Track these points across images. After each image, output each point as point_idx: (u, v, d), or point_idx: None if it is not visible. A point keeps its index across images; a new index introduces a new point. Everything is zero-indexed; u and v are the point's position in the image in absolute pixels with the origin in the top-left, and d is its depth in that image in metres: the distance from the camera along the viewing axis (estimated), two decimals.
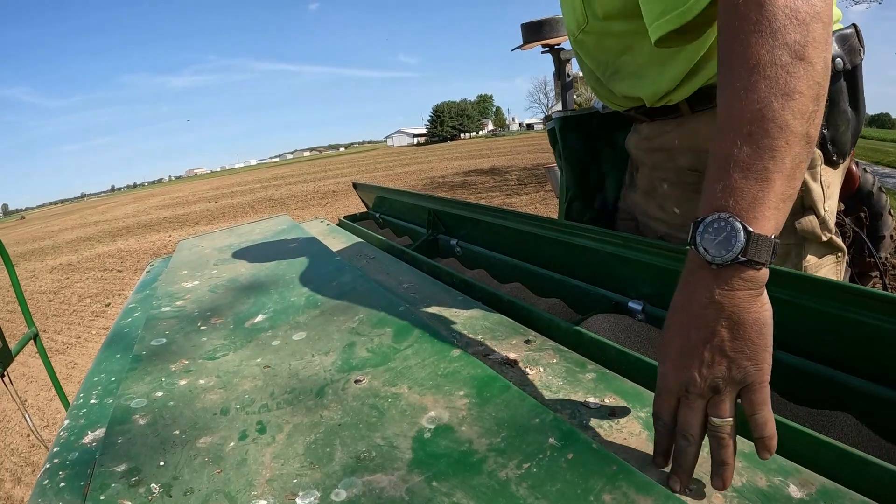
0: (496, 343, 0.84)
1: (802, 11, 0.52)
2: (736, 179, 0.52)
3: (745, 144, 0.52)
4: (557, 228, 1.13)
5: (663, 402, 0.56)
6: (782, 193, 0.52)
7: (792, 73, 0.51)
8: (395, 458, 0.54)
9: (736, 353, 0.52)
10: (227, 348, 0.87)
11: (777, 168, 0.51)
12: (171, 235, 13.54)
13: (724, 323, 0.52)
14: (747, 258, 0.50)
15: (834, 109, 0.87)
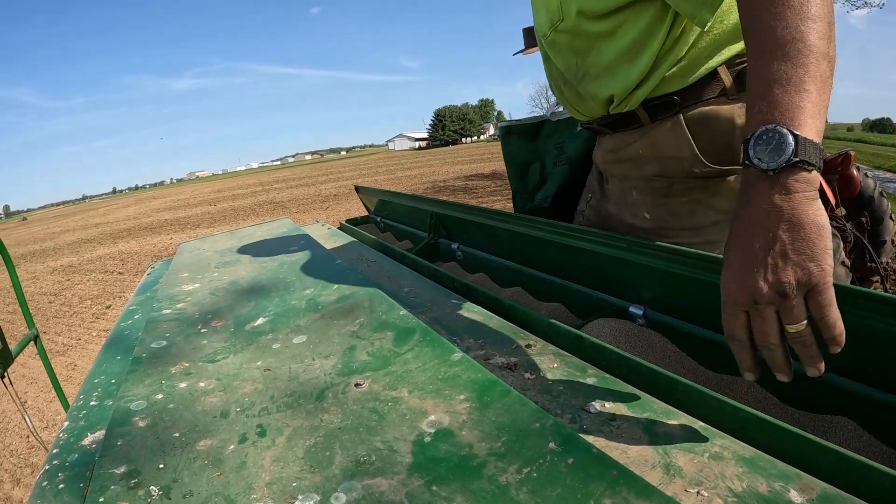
0: (497, 347, 0.84)
1: None
2: (777, 94, 0.57)
3: (781, 63, 0.58)
4: (559, 231, 1.13)
5: (733, 319, 0.58)
6: (819, 102, 0.58)
7: (812, 2, 0.59)
8: (395, 462, 0.54)
9: (798, 255, 0.54)
10: (227, 351, 0.87)
11: (811, 80, 0.57)
12: (172, 238, 13.55)
13: (784, 227, 0.55)
14: (799, 158, 0.55)
15: None
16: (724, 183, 0.97)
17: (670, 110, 0.96)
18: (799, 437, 0.54)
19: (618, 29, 0.93)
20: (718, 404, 0.62)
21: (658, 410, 0.63)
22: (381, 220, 2.27)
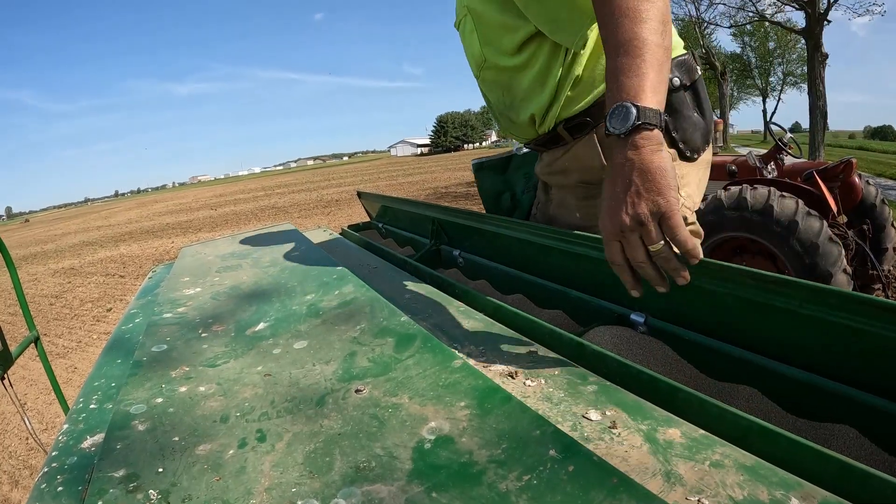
0: (497, 354, 0.84)
1: None
2: (623, 80, 0.77)
3: (623, 58, 0.78)
4: (561, 238, 1.13)
5: (610, 248, 0.76)
6: (657, 80, 0.77)
7: (642, 9, 0.78)
8: (395, 468, 0.53)
9: (648, 192, 0.72)
10: (227, 356, 0.87)
11: (648, 66, 0.77)
12: (173, 242, 13.57)
13: (636, 173, 0.73)
14: (641, 122, 0.73)
15: (678, 115, 1.11)
16: None
17: (585, 129, 1.15)
18: (800, 445, 0.54)
19: (528, 61, 1.11)
20: (719, 412, 0.61)
21: (659, 418, 0.63)
22: (383, 226, 2.27)
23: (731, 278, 0.79)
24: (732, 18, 23.34)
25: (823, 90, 14.90)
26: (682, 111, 1.11)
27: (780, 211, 3.11)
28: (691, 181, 1.17)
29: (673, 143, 1.11)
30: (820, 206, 3.32)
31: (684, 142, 1.12)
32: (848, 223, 3.60)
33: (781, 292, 0.73)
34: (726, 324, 0.84)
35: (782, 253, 3.14)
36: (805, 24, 15.34)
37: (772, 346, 0.78)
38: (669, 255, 0.72)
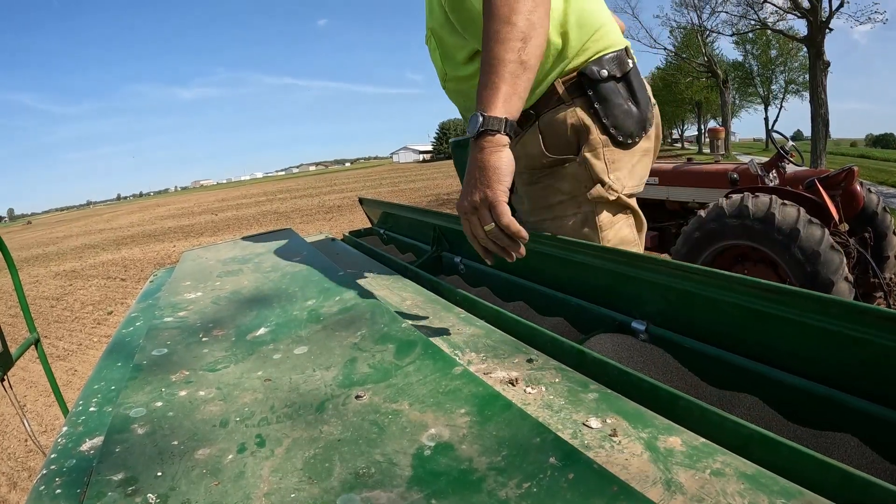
0: (498, 361, 0.84)
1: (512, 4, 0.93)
2: (480, 93, 0.95)
3: (485, 75, 0.95)
4: (561, 246, 1.13)
5: (464, 225, 0.96)
6: (507, 93, 0.93)
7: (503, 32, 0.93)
8: (395, 474, 0.53)
9: (481, 184, 0.91)
10: (228, 360, 0.87)
11: (502, 81, 0.93)
12: (175, 246, 13.58)
13: (477, 168, 0.92)
14: (485, 128, 0.92)
15: (609, 104, 1.21)
16: (564, 168, 1.26)
17: (530, 120, 1.26)
18: (801, 453, 0.54)
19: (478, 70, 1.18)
20: (720, 420, 0.61)
21: (660, 426, 0.63)
22: (385, 233, 2.27)
23: (732, 287, 0.79)
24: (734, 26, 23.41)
25: (825, 98, 14.93)
26: (613, 100, 1.20)
27: (782, 219, 3.10)
28: (623, 166, 1.24)
29: (605, 129, 1.20)
30: (821, 214, 3.32)
31: (615, 127, 1.21)
32: (849, 231, 3.60)
33: (782, 301, 0.73)
34: (727, 332, 0.83)
35: (784, 261, 3.14)
36: (807, 32, 15.38)
37: (773, 354, 0.78)
38: (499, 234, 0.91)
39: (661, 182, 4.67)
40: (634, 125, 1.23)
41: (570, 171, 1.24)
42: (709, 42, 29.72)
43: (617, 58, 1.22)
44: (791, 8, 16.25)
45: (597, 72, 1.18)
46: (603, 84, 1.19)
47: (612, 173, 1.22)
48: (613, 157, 1.23)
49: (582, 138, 1.22)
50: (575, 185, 1.25)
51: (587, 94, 1.20)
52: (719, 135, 6.17)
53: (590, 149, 1.21)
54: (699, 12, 25.51)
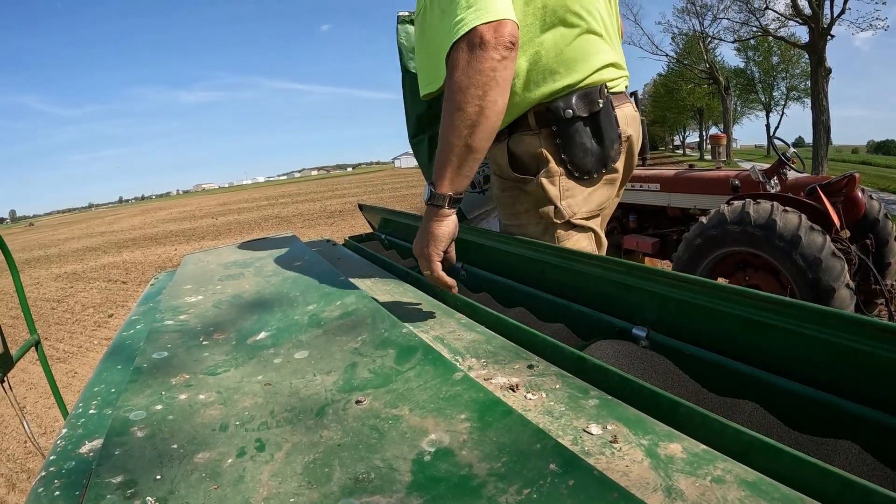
0: (499, 367, 0.84)
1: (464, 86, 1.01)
2: (435, 170, 1.08)
3: (440, 154, 1.07)
4: (562, 255, 1.13)
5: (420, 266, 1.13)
6: (453, 174, 1.07)
7: (454, 118, 1.03)
8: (394, 480, 0.53)
9: (422, 244, 1.10)
10: (228, 364, 0.87)
11: (447, 163, 1.06)
12: (176, 249, 13.59)
13: (422, 229, 1.10)
14: (432, 202, 1.08)
15: (571, 142, 1.29)
16: (527, 186, 1.35)
17: (501, 138, 1.37)
18: (802, 460, 0.54)
19: None
20: (721, 427, 0.61)
21: (660, 433, 0.63)
22: (386, 238, 2.27)
23: (731, 299, 0.79)
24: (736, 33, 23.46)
25: (827, 105, 14.95)
26: (575, 139, 1.29)
27: (783, 226, 3.10)
28: (576, 194, 1.34)
29: (562, 162, 1.30)
30: (823, 221, 3.31)
31: (572, 164, 1.30)
32: (851, 238, 3.59)
33: (780, 312, 0.73)
34: (728, 339, 0.83)
35: (785, 268, 3.13)
36: (808, 38, 15.42)
37: (773, 361, 0.78)
38: (432, 279, 1.12)
39: (662, 188, 4.67)
40: (594, 163, 1.31)
41: (530, 189, 1.34)
42: (711, 49, 29.77)
43: (587, 95, 1.28)
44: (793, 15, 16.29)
45: (562, 109, 1.26)
46: (567, 122, 1.27)
47: (565, 200, 1.32)
48: (567, 186, 1.32)
49: (540, 164, 1.32)
50: (533, 202, 1.35)
51: (552, 129, 1.29)
52: (721, 141, 6.16)
53: (546, 175, 1.31)
54: (701, 19, 25.58)
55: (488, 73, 1.01)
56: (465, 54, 1.01)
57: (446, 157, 1.05)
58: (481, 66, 1.00)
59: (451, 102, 1.03)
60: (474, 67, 1.01)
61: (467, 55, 1.01)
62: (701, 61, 30.73)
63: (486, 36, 1.00)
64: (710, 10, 24.56)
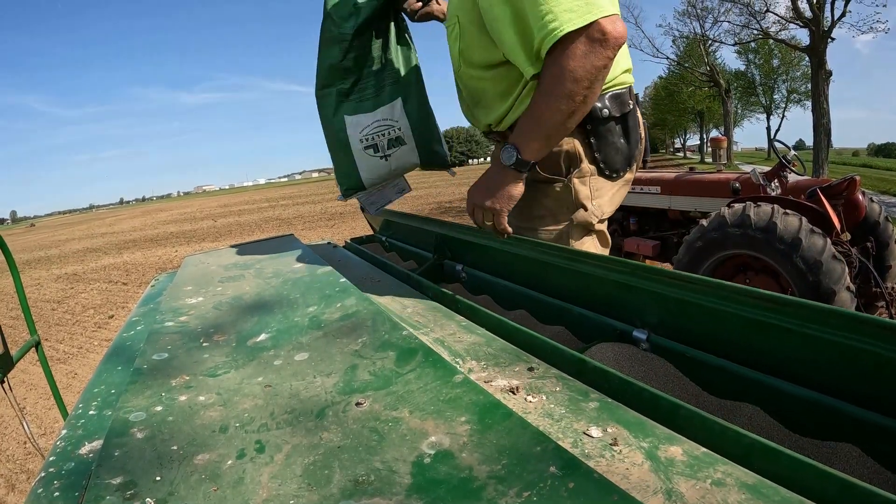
0: (499, 370, 0.84)
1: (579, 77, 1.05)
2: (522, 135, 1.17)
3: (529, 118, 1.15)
4: (564, 255, 1.13)
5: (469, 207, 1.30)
6: (541, 146, 1.17)
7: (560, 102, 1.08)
8: (394, 482, 0.53)
9: (496, 199, 1.22)
10: (228, 366, 0.87)
11: (540, 135, 1.15)
12: (177, 250, 13.59)
13: (495, 184, 1.22)
14: (517, 168, 1.18)
15: (604, 141, 1.33)
16: (550, 187, 1.38)
17: None
18: (803, 463, 0.54)
19: (495, 78, 1.34)
20: (721, 430, 0.61)
21: (660, 435, 0.63)
22: (387, 240, 2.27)
23: (733, 298, 0.79)
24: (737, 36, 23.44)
25: (827, 107, 14.94)
26: (608, 138, 1.34)
27: (784, 228, 3.10)
28: (604, 194, 1.39)
29: (595, 161, 1.34)
30: (823, 224, 3.31)
31: (604, 162, 1.35)
32: (851, 241, 3.59)
33: (782, 312, 0.73)
34: (728, 341, 0.83)
35: (785, 270, 3.13)
36: (809, 41, 15.42)
37: (774, 363, 0.78)
38: (497, 230, 1.25)
39: (663, 191, 4.67)
40: (622, 162, 1.37)
41: (556, 191, 1.37)
42: (711, 51, 29.77)
43: (619, 97, 1.32)
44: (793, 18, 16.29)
45: (599, 110, 1.29)
46: (601, 121, 1.31)
47: (595, 200, 1.37)
48: (598, 186, 1.37)
49: (573, 164, 1.34)
50: (557, 205, 1.37)
51: (586, 128, 1.31)
52: (721, 144, 6.16)
53: (579, 175, 1.35)
54: (702, 22, 25.58)
55: (601, 69, 1.07)
56: (584, 46, 1.04)
57: (541, 131, 1.13)
58: (597, 62, 1.05)
59: (561, 87, 1.06)
60: (591, 62, 1.04)
61: (585, 47, 1.04)
62: (702, 64, 30.73)
63: (608, 31, 1.04)
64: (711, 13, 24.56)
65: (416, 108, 1.65)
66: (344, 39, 1.57)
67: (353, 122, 1.61)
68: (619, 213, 5.13)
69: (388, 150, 1.65)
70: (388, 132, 1.65)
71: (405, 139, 1.66)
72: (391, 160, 1.65)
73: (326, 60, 1.59)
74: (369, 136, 1.62)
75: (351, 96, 1.63)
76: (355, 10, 1.57)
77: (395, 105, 1.65)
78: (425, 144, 1.67)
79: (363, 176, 1.63)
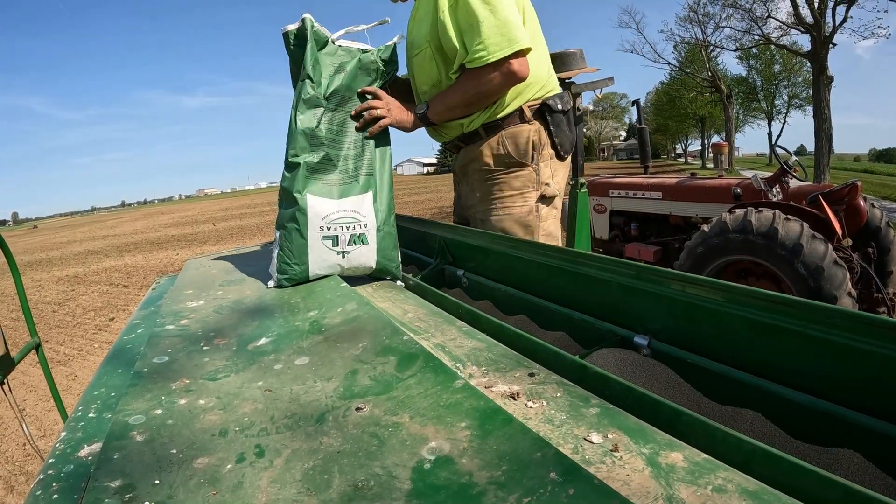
0: (500, 375, 0.84)
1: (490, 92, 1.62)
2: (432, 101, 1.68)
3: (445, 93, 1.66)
4: (567, 258, 1.13)
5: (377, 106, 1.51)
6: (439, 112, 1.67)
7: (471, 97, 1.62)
8: (394, 487, 0.53)
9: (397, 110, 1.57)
10: (228, 370, 0.87)
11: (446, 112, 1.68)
12: (178, 254, 13.60)
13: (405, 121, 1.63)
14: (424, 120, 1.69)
15: (559, 129, 1.75)
16: (521, 170, 1.74)
17: (498, 130, 1.73)
18: (804, 469, 0.53)
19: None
20: (723, 436, 0.61)
21: (661, 441, 0.63)
22: None
23: (736, 299, 0.79)
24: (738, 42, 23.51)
25: (829, 113, 14.96)
26: (561, 126, 1.76)
27: (785, 234, 3.10)
28: (559, 173, 1.82)
29: (553, 145, 1.76)
30: (825, 229, 3.31)
31: (560, 145, 1.77)
32: (853, 246, 3.59)
33: (787, 312, 0.72)
34: (730, 347, 0.83)
35: (787, 276, 3.13)
36: (810, 47, 15.46)
37: (776, 369, 0.77)
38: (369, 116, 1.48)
39: (664, 196, 4.67)
40: (570, 146, 1.82)
41: (523, 174, 1.74)
42: (713, 57, 29.84)
43: (562, 96, 1.77)
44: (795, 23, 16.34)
45: (554, 105, 1.73)
46: (557, 113, 1.74)
47: (553, 178, 1.79)
48: (555, 167, 1.80)
49: (536, 150, 1.73)
50: (524, 184, 1.75)
51: (546, 119, 1.73)
52: (723, 149, 6.17)
53: (542, 159, 1.75)
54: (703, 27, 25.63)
55: (500, 90, 1.61)
56: (496, 75, 1.53)
57: (445, 107, 1.66)
58: (499, 87, 1.59)
59: (471, 92, 1.60)
60: (495, 86, 1.57)
61: (496, 75, 1.53)
62: (703, 70, 30.79)
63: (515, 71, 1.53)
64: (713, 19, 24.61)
65: (386, 205, 1.49)
66: (320, 105, 1.43)
67: (315, 205, 1.39)
68: (620, 218, 5.14)
69: (348, 246, 1.43)
70: (354, 227, 1.43)
71: (368, 238, 1.44)
72: (348, 258, 1.43)
73: (301, 125, 1.41)
74: (332, 225, 1.40)
75: (318, 174, 1.42)
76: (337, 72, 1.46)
77: (366, 199, 1.46)
78: (385, 249, 1.47)
79: (311, 269, 1.39)
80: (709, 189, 4.42)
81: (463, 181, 1.94)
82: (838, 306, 0.67)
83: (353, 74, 1.50)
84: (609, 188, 5.18)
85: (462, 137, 1.81)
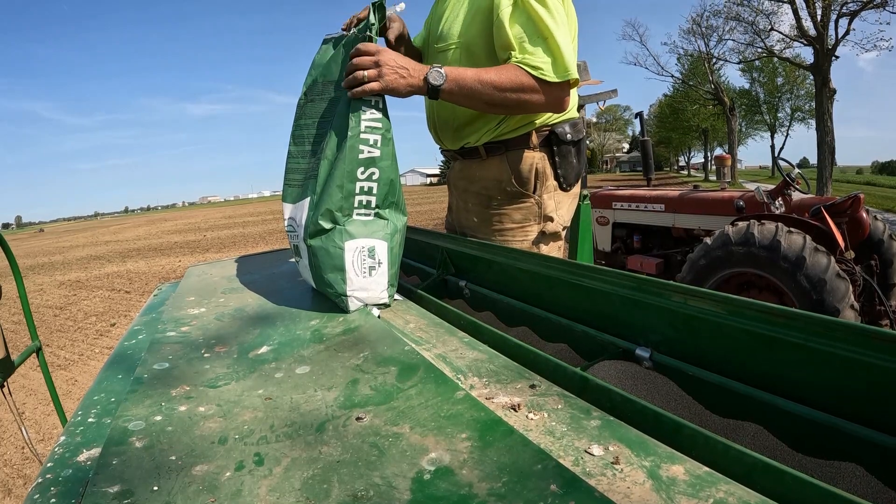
0: (501, 386, 0.83)
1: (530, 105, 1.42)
2: (455, 73, 1.33)
3: (469, 76, 1.35)
4: (569, 270, 1.13)
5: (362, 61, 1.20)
6: (455, 91, 1.33)
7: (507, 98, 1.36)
8: (393, 498, 0.53)
9: (397, 69, 1.24)
10: (229, 377, 0.86)
11: (461, 87, 1.33)
12: (180, 261, 13.62)
13: (406, 72, 1.27)
14: (433, 86, 1.32)
15: (564, 160, 1.61)
16: (523, 201, 1.61)
17: (500, 150, 1.60)
18: (806, 483, 0.53)
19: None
20: (724, 449, 0.61)
21: (662, 454, 0.62)
22: None
23: (738, 311, 0.79)
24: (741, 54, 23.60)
25: (831, 125, 14.99)
26: (567, 157, 1.62)
27: (788, 246, 3.10)
28: (564, 205, 1.67)
29: (557, 176, 1.62)
30: (827, 242, 3.31)
31: (563, 177, 1.62)
32: (855, 258, 3.59)
33: (788, 325, 0.72)
34: (732, 360, 0.83)
35: (789, 289, 3.13)
36: (813, 59, 15.51)
37: (778, 382, 0.77)
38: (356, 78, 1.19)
39: (667, 209, 4.68)
40: (574, 177, 1.66)
41: (525, 205, 1.62)
42: (716, 69, 29.92)
43: (576, 125, 1.63)
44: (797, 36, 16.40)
45: (563, 134, 1.59)
46: (564, 144, 1.60)
47: (558, 211, 1.65)
48: (559, 199, 1.65)
49: (539, 180, 1.60)
50: (526, 217, 1.63)
51: (552, 149, 1.59)
52: (725, 162, 6.18)
53: (546, 191, 1.61)
54: (706, 40, 25.77)
55: (540, 111, 1.50)
56: (543, 97, 1.39)
57: (466, 91, 1.35)
58: (538, 109, 1.46)
59: (518, 95, 1.37)
60: (539, 105, 1.42)
61: (544, 99, 1.39)
62: (706, 82, 30.88)
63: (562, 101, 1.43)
64: (716, 32, 24.75)
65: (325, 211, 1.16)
66: (300, 103, 1.36)
67: (284, 212, 1.34)
68: (622, 230, 5.14)
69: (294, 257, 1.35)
70: (292, 237, 1.31)
71: (301, 252, 1.26)
72: (300, 268, 1.34)
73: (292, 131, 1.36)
74: (289, 233, 1.33)
75: (289, 175, 1.34)
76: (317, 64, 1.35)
77: (303, 206, 1.24)
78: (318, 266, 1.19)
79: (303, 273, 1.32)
80: (711, 201, 4.42)
81: (458, 196, 1.82)
82: (841, 319, 0.67)
83: (333, 57, 1.31)
84: (612, 200, 5.19)
85: (461, 150, 1.70)
